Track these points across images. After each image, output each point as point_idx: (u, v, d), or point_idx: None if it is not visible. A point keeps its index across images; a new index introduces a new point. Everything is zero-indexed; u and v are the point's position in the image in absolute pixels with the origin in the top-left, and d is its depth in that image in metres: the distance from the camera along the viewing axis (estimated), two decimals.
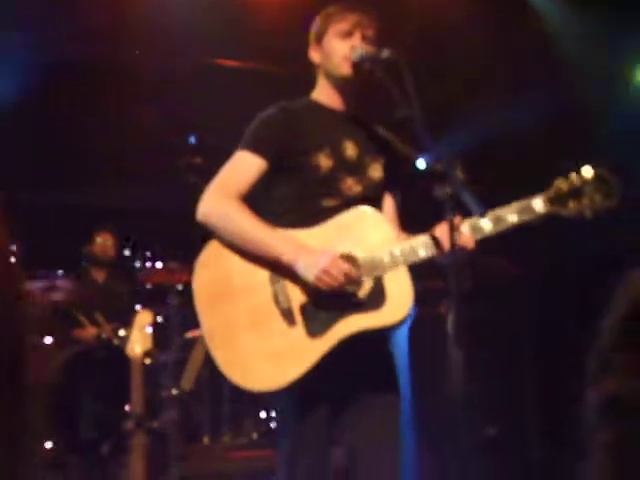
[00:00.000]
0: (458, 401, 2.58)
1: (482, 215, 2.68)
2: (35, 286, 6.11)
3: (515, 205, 2.95)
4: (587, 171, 2.93)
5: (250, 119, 3.19)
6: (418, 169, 3.19)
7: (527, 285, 6.83)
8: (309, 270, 2.91)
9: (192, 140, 7.81)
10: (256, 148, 3.11)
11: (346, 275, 2.90)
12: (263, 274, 3.00)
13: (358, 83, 3.17)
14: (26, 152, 7.16)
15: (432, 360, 6.05)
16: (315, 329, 2.92)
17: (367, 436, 3.06)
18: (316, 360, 2.89)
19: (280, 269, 2.98)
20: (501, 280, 6.58)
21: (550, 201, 2.94)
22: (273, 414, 6.93)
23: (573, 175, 2.95)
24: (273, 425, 6.42)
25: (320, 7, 3.31)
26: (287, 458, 3.05)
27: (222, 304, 2.99)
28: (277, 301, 2.96)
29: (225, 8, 6.69)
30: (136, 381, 4.53)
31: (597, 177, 2.94)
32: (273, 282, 2.98)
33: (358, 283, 2.94)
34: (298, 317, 2.95)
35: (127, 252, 7.30)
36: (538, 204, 2.94)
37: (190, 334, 6.35)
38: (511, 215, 2.93)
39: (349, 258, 2.94)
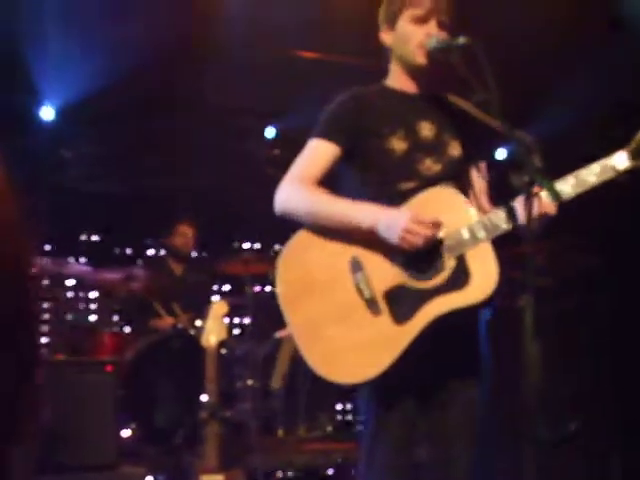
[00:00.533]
0: (536, 395, 2.51)
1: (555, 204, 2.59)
2: (114, 276, 6.17)
3: (595, 165, 2.86)
4: None
5: None
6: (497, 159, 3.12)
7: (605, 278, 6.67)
8: (392, 230, 2.85)
9: (272, 131, 7.88)
10: (328, 135, 3.07)
11: (430, 233, 2.84)
12: (343, 265, 2.96)
13: (435, 73, 3.11)
14: (104, 142, 7.23)
15: (510, 355, 6.00)
16: (401, 314, 2.87)
17: (445, 429, 3.00)
18: (406, 345, 2.84)
19: (363, 242, 2.94)
20: (580, 273, 6.45)
21: (632, 155, 2.84)
22: (348, 407, 6.91)
23: None
24: (348, 418, 6.39)
25: None
26: (370, 445, 3.01)
27: (306, 301, 2.97)
28: (360, 291, 2.92)
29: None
30: (211, 371, 4.54)
31: None
32: (354, 272, 2.94)
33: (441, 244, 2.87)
34: (383, 305, 2.90)
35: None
36: (620, 160, 2.85)
37: (279, 334, 6.35)
38: (591, 176, 2.84)
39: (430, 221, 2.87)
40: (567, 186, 2.84)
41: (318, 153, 3.08)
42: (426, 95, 3.17)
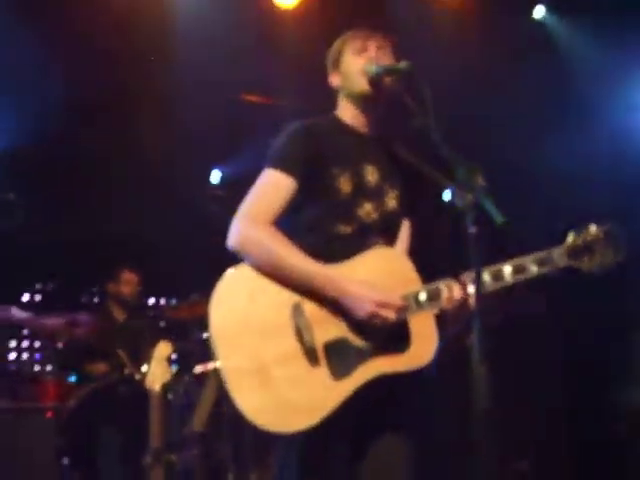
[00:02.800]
0: (485, 430, 2.48)
1: (502, 225, 2.57)
2: (56, 321, 6.06)
3: (535, 255, 2.95)
4: (593, 227, 3.01)
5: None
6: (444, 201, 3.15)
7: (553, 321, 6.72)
8: (358, 309, 2.83)
9: (215, 175, 7.84)
10: (286, 167, 3.00)
11: (395, 318, 2.84)
12: (285, 309, 2.88)
13: (378, 99, 3.10)
14: (42, 193, 7.14)
15: (457, 394, 5.97)
16: (339, 370, 2.83)
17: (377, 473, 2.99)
18: (339, 402, 2.81)
19: (313, 299, 2.88)
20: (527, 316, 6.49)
21: (568, 254, 2.97)
22: None
23: (584, 231, 3.00)
24: None
25: None
26: None
27: (241, 341, 2.85)
28: (300, 338, 2.85)
29: (251, 44, 6.67)
30: (155, 414, 4.44)
31: (606, 233, 2.99)
32: (296, 318, 2.87)
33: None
34: (321, 356, 2.84)
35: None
36: (557, 256, 2.96)
37: (200, 369, 6.22)
38: (532, 265, 2.94)
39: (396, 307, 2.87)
40: (508, 271, 2.93)
41: (276, 188, 3.00)
42: (374, 137, 3.18)
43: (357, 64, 3.09)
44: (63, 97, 6.53)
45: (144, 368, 6.00)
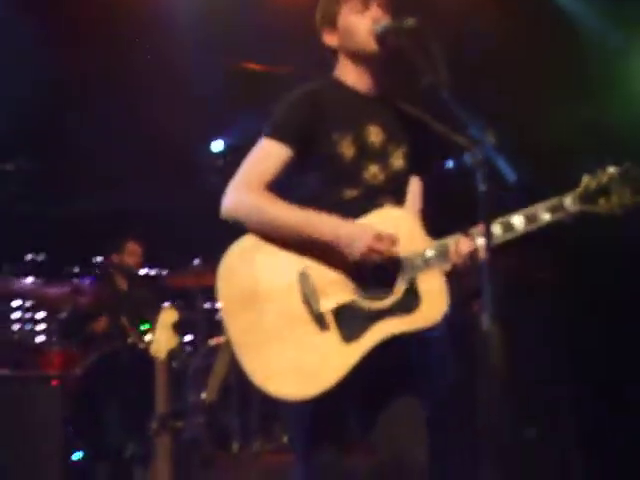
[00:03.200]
0: (496, 392, 2.45)
1: (514, 182, 2.54)
2: (60, 290, 6.05)
3: (546, 203, 2.88)
4: (612, 168, 2.90)
5: None
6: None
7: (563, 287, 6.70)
8: (354, 246, 2.81)
9: (216, 145, 7.80)
10: (281, 135, 2.97)
11: (392, 250, 2.82)
12: (292, 276, 2.88)
13: (385, 57, 3.05)
14: (45, 162, 7.11)
15: (465, 362, 5.96)
16: (349, 333, 2.82)
17: (396, 441, 2.96)
18: (351, 366, 2.79)
19: (314, 254, 2.88)
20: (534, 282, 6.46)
21: (580, 198, 2.88)
22: None
23: (600, 171, 2.90)
24: None
25: None
26: (303, 458, 2.97)
27: (249, 311, 2.86)
28: (308, 305, 2.85)
29: (251, 12, 6.62)
30: (160, 380, 4.41)
31: (623, 173, 2.88)
32: (303, 284, 2.86)
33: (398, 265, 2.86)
34: (330, 321, 2.84)
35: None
36: (569, 202, 2.88)
37: (214, 341, 6.23)
38: (543, 213, 2.87)
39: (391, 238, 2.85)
40: (519, 221, 2.87)
41: (270, 155, 2.97)
42: (377, 96, 3.12)
43: (363, 24, 3.02)
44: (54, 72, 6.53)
45: (147, 337, 6.02)
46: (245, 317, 2.86)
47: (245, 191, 2.93)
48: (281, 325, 2.84)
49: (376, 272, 2.86)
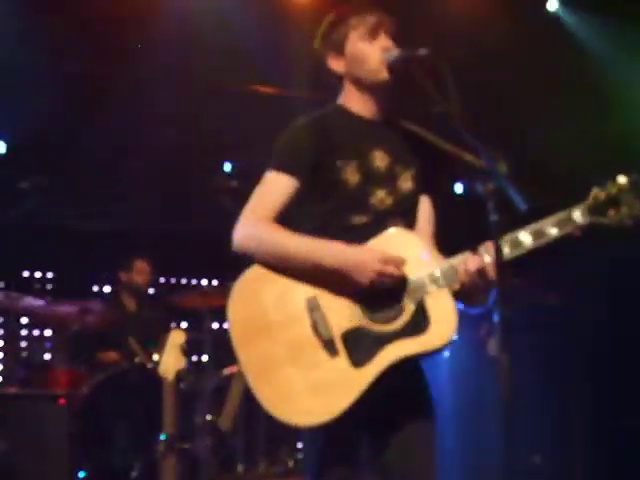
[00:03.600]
0: (507, 414, 2.45)
1: (524, 210, 2.55)
2: (68, 309, 6.07)
3: (554, 217, 2.84)
4: (622, 178, 2.85)
5: None
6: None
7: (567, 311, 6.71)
8: (361, 271, 2.82)
9: (228, 167, 7.85)
10: (286, 167, 2.99)
11: (398, 273, 2.83)
12: (300, 304, 2.89)
13: (395, 86, 3.06)
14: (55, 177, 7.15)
15: (472, 382, 5.98)
16: (359, 358, 2.82)
17: (407, 464, 2.95)
18: (363, 390, 2.80)
19: (321, 281, 2.89)
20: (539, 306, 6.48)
21: (590, 211, 2.83)
22: None
23: (609, 183, 2.86)
24: None
25: None
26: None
27: (260, 339, 2.88)
28: (317, 331, 2.86)
29: (263, 33, 6.67)
30: (168, 401, 4.42)
31: (633, 183, 2.84)
32: (311, 311, 2.87)
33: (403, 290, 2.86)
34: (340, 347, 2.84)
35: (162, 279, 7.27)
36: (578, 215, 2.83)
37: (227, 371, 6.24)
38: (551, 228, 2.83)
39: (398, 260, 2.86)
40: (528, 238, 2.83)
41: (277, 188, 2.99)
42: (382, 121, 3.13)
43: (374, 52, 3.02)
44: (69, 89, 6.56)
45: (155, 356, 6.02)
46: (256, 345, 2.88)
47: (254, 224, 2.95)
48: (292, 352, 2.86)
49: (384, 295, 2.86)
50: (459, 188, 7.66)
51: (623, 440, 6.25)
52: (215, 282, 8.09)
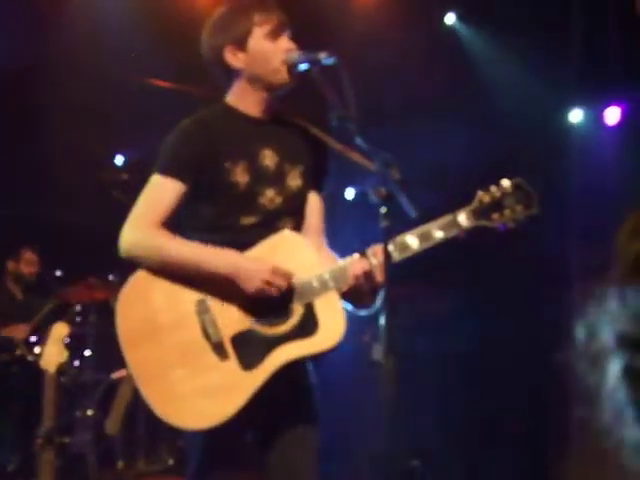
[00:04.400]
0: (389, 416, 2.50)
1: (414, 217, 2.61)
2: None
3: (440, 220, 2.89)
4: (506, 182, 2.92)
5: None
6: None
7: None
8: (251, 281, 2.84)
9: (120, 159, 7.75)
10: (172, 171, 2.97)
11: (285, 284, 2.86)
12: (189, 306, 2.90)
13: (293, 87, 3.05)
14: None
15: (355, 388, 6.04)
16: (248, 360, 2.85)
17: (288, 466, 2.99)
18: (252, 393, 2.82)
19: (210, 284, 2.89)
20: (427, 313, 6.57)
21: (474, 214, 2.89)
22: None
23: (493, 187, 2.91)
24: None
25: None
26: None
27: (149, 342, 2.88)
28: (206, 334, 2.86)
29: (157, 27, 6.63)
30: (49, 395, 4.34)
31: (516, 187, 2.91)
32: (201, 314, 2.88)
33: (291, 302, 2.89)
34: (230, 350, 2.86)
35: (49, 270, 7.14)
36: (463, 218, 2.88)
37: (116, 375, 6.17)
38: (437, 231, 2.87)
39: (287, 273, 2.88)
40: (414, 241, 2.87)
41: (164, 192, 2.97)
42: (270, 119, 3.11)
43: (277, 52, 2.99)
44: None
45: (37, 349, 5.91)
46: (145, 349, 2.88)
47: (141, 229, 2.94)
48: (181, 355, 2.86)
49: (274, 298, 2.88)
50: (350, 194, 7.70)
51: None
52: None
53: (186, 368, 2.85)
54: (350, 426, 5.91)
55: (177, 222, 3.02)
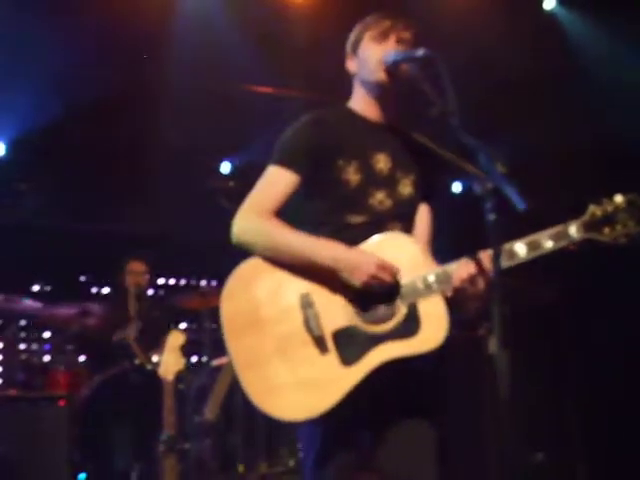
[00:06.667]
0: (505, 416, 2.46)
1: (523, 210, 2.56)
2: (67, 311, 6.07)
3: (551, 230, 2.87)
4: (619, 197, 2.88)
5: None
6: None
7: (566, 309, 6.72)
8: (356, 273, 2.86)
9: (226, 167, 7.85)
10: (288, 162, 3.04)
11: (393, 280, 2.86)
12: (293, 300, 2.93)
13: (395, 88, 3.08)
14: (55, 180, 7.14)
15: (471, 383, 5.98)
16: (348, 356, 2.85)
17: (404, 462, 2.97)
18: (350, 388, 2.83)
19: (316, 278, 2.92)
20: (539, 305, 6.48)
21: (585, 227, 2.86)
22: None
23: (606, 201, 2.88)
24: None
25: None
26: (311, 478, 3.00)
27: (251, 333, 2.92)
28: (309, 328, 2.89)
29: (261, 34, 6.68)
30: (168, 403, 4.43)
31: (629, 203, 2.87)
32: (304, 308, 2.91)
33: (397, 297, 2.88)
34: (330, 344, 2.87)
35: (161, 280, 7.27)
36: (574, 230, 2.86)
37: (217, 362, 6.25)
38: (547, 241, 2.85)
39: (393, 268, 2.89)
40: (523, 249, 2.85)
41: (277, 182, 3.03)
42: (386, 125, 3.16)
43: (375, 53, 3.06)
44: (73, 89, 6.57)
45: (155, 358, 6.03)
46: (247, 338, 2.92)
47: (254, 217, 3.00)
48: (282, 347, 2.89)
49: (378, 296, 2.89)
50: (457, 187, 7.67)
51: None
52: (214, 283, 8.07)
53: (286, 359, 2.88)
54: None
55: (287, 217, 3.05)
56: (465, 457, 5.63)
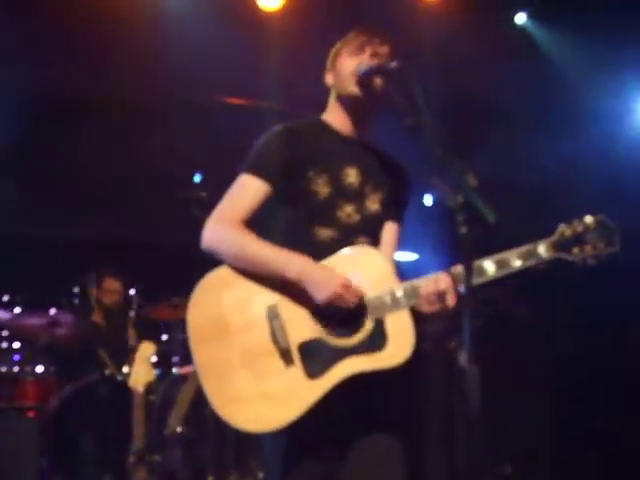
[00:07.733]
0: (476, 429, 2.48)
1: (493, 222, 2.59)
2: (37, 321, 6.02)
3: (519, 249, 2.91)
4: (589, 218, 2.93)
5: None
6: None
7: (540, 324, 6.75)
8: (321, 290, 2.86)
9: (198, 178, 7.82)
10: (259, 171, 3.05)
11: (357, 301, 2.87)
12: (260, 311, 2.93)
13: (369, 102, 3.10)
14: (25, 187, 7.10)
15: (442, 394, 5.99)
16: (313, 369, 2.87)
17: (363, 474, 2.99)
18: (314, 401, 2.83)
19: (283, 290, 2.93)
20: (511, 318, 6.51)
21: (554, 246, 2.91)
22: None
23: (575, 221, 2.93)
24: None
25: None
26: None
27: (217, 341, 2.92)
28: (275, 339, 2.89)
29: (234, 46, 6.69)
30: (138, 415, 4.42)
31: (599, 223, 2.92)
32: (271, 319, 2.91)
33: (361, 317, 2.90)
34: (296, 357, 2.88)
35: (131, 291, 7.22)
36: (543, 249, 2.91)
37: (182, 371, 6.24)
38: (515, 259, 2.89)
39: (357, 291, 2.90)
40: (491, 267, 2.89)
41: (248, 191, 3.04)
42: (359, 140, 3.18)
43: (350, 65, 3.10)
44: (46, 96, 6.54)
45: (125, 368, 6.00)
46: (213, 347, 2.92)
47: (224, 225, 3.01)
48: (248, 357, 2.89)
49: (343, 312, 2.90)
50: (428, 200, 7.70)
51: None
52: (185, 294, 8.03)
53: (251, 370, 2.88)
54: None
55: (255, 226, 3.06)
56: (433, 469, 5.65)
